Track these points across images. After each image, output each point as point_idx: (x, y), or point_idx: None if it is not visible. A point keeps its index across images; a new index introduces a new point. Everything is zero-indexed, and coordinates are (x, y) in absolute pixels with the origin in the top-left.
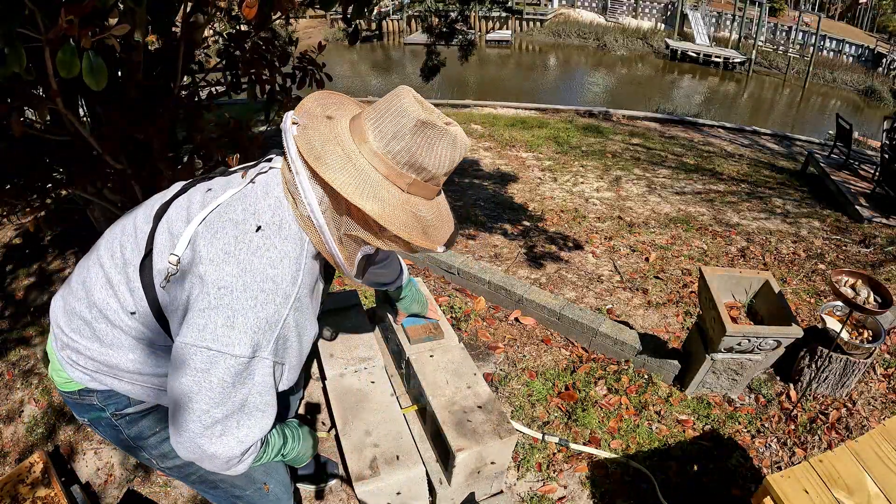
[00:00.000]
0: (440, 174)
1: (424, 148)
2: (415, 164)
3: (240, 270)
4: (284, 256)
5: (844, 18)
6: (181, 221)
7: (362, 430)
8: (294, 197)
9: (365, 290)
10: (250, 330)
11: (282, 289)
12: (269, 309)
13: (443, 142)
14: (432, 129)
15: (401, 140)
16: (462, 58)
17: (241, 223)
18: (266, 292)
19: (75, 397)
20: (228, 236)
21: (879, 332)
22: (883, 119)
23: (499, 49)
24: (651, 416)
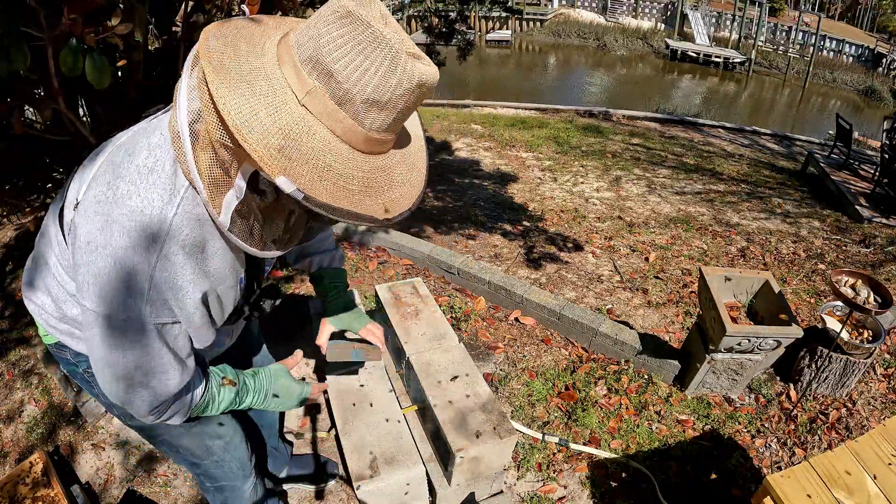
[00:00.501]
0: (356, 95)
1: (339, 45)
2: (317, 60)
3: (103, 223)
4: (146, 206)
5: (844, 18)
6: (85, 168)
7: (362, 430)
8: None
9: (365, 289)
10: (114, 290)
11: (139, 246)
12: (126, 268)
13: (374, 53)
14: (362, 29)
15: (313, 28)
16: (461, 58)
17: (117, 166)
18: (123, 249)
19: (55, 349)
20: (102, 183)
21: (879, 332)
22: (883, 119)
23: (499, 49)
24: (651, 416)
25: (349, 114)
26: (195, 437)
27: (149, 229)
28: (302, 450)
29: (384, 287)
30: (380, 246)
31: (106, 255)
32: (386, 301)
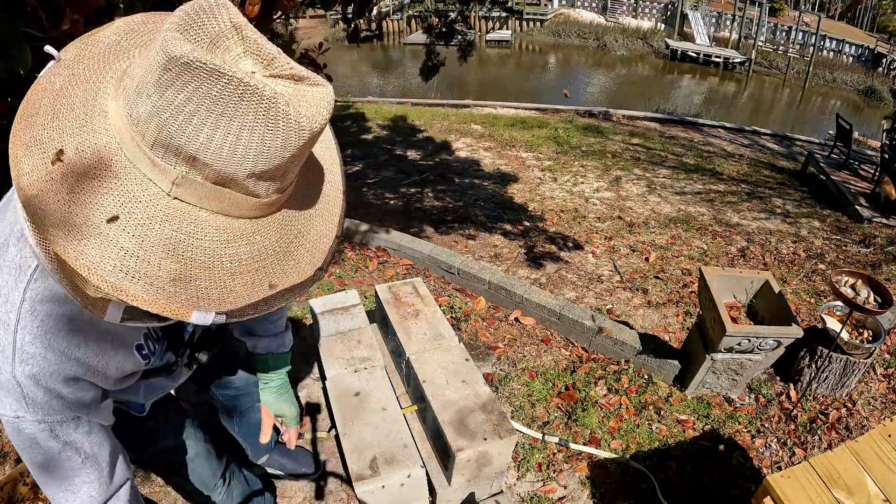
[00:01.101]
0: (236, 174)
1: (188, 116)
2: (172, 145)
3: None
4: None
5: (844, 18)
6: None
7: (362, 430)
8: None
9: (365, 289)
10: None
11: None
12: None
13: (235, 108)
14: (206, 80)
15: (146, 98)
16: (461, 58)
17: None
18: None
19: None
20: None
21: (879, 332)
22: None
23: (499, 49)
24: (651, 416)
25: (237, 190)
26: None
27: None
28: (302, 449)
29: (384, 287)
30: (380, 246)
31: None
32: (386, 301)
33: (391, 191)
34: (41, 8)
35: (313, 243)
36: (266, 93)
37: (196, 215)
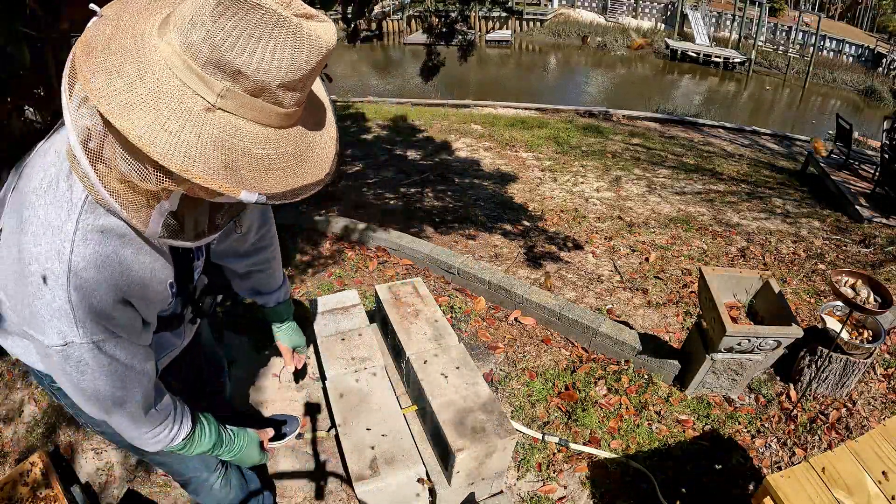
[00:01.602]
0: (271, 82)
1: (236, 39)
2: (222, 62)
3: (17, 253)
4: (46, 228)
5: (844, 18)
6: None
7: (362, 430)
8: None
9: (364, 289)
10: (43, 317)
11: (48, 270)
12: (46, 295)
13: (273, 32)
14: (250, 11)
15: (200, 27)
16: (462, 58)
17: (20, 192)
18: (36, 275)
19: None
20: (11, 212)
21: (879, 332)
22: (883, 119)
23: (499, 49)
24: (651, 416)
25: (267, 100)
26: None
27: (52, 251)
28: (302, 450)
29: (384, 287)
30: (380, 246)
31: (26, 285)
32: (386, 301)
33: (391, 191)
34: (40, 8)
35: (320, 154)
36: (293, 21)
37: (235, 122)
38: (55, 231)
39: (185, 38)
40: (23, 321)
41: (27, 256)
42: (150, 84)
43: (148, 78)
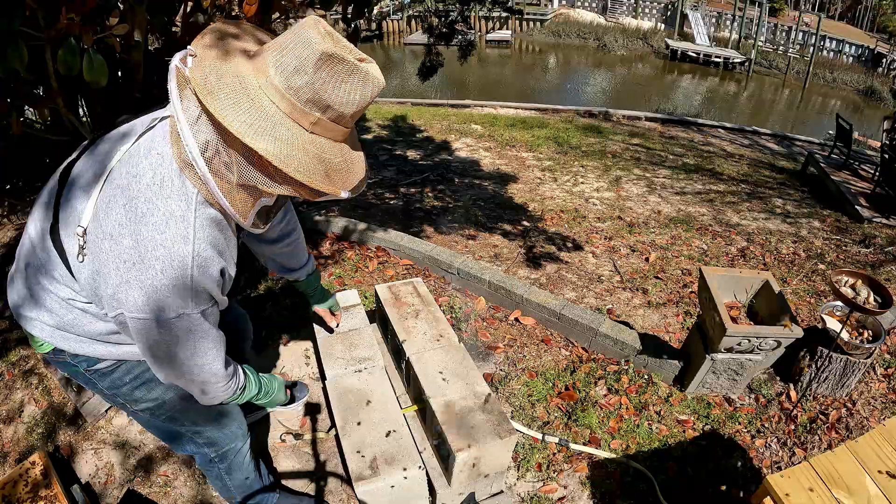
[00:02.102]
0: (347, 113)
1: (329, 83)
2: (318, 101)
3: (134, 242)
4: (170, 217)
5: (844, 18)
6: (80, 190)
7: (362, 430)
8: (177, 144)
9: (365, 289)
10: (162, 296)
11: (175, 252)
12: (170, 274)
13: (351, 77)
14: (339, 64)
15: (303, 74)
16: (461, 58)
17: (126, 189)
18: (161, 259)
19: (51, 356)
20: (119, 206)
21: (879, 332)
22: (883, 119)
23: (499, 49)
24: (651, 416)
25: (341, 124)
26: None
27: (178, 236)
28: (302, 450)
29: (384, 287)
30: (380, 246)
31: (146, 269)
32: (386, 301)
33: (391, 191)
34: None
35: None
36: (361, 67)
37: (322, 141)
38: (178, 220)
39: (289, 82)
40: (121, 304)
41: (150, 243)
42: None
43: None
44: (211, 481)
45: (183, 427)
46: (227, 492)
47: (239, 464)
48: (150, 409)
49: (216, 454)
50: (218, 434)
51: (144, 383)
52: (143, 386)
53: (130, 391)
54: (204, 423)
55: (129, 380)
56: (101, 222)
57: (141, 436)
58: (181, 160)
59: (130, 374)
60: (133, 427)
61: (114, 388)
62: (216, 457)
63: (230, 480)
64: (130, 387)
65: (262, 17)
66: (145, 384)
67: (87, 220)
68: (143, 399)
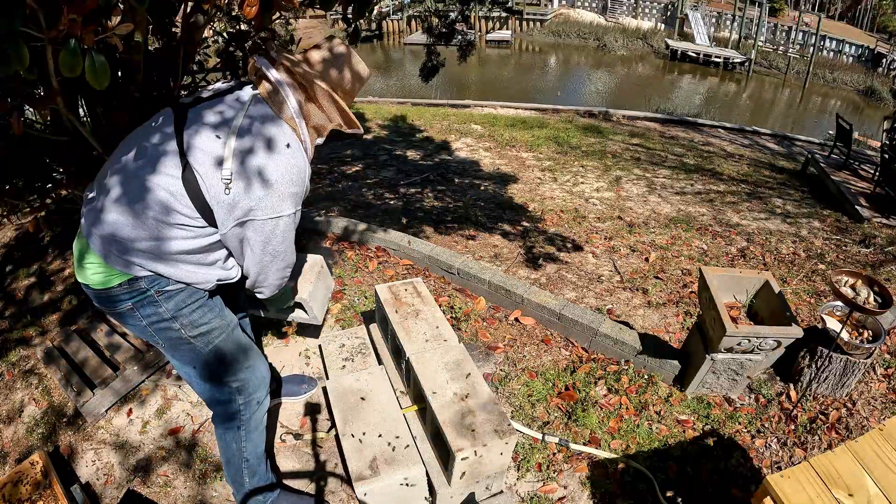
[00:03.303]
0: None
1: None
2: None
3: (275, 165)
4: (296, 148)
5: (844, 18)
6: (211, 143)
7: (362, 430)
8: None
9: (365, 289)
10: (290, 199)
11: (301, 167)
12: (299, 182)
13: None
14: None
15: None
16: (461, 58)
17: (258, 135)
18: (294, 173)
19: (124, 287)
20: (259, 147)
21: (879, 332)
22: (883, 119)
23: (499, 49)
24: (651, 416)
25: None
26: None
27: (301, 158)
28: (302, 450)
29: (384, 287)
30: (380, 246)
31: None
32: (386, 301)
33: (391, 191)
34: (39, 8)
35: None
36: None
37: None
38: (300, 150)
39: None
40: (259, 211)
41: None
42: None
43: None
44: (224, 447)
45: (223, 363)
46: (239, 459)
47: (257, 421)
48: (203, 335)
49: (244, 402)
50: (249, 375)
51: (203, 306)
52: (201, 308)
53: (191, 312)
54: (242, 360)
55: (192, 301)
56: (246, 161)
57: (141, 436)
58: (286, 115)
59: (194, 297)
60: (133, 427)
61: (177, 309)
62: (243, 404)
63: (246, 441)
64: (192, 308)
65: (262, 17)
66: (204, 306)
67: (231, 165)
68: (200, 322)
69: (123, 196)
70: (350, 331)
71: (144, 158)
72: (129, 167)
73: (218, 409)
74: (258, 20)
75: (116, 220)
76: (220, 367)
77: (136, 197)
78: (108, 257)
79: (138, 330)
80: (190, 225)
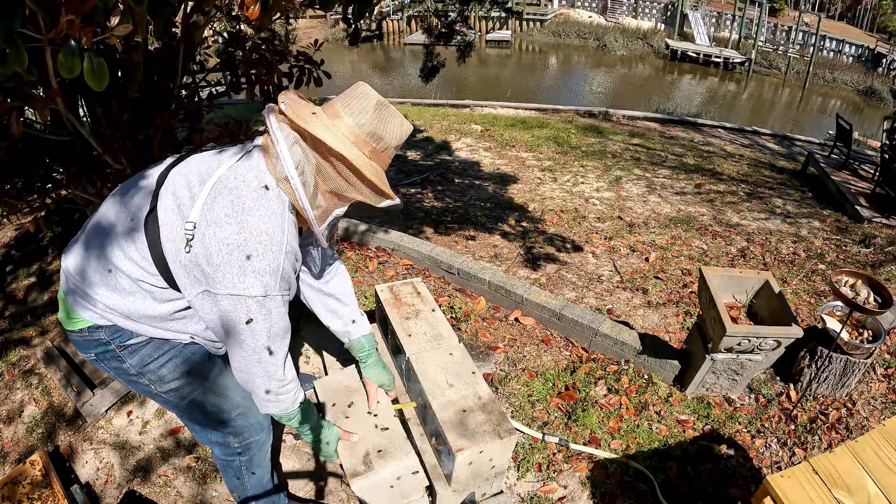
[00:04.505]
0: (392, 144)
1: (382, 122)
2: (375, 134)
3: (239, 229)
4: (272, 214)
5: (844, 18)
6: (184, 189)
7: (354, 427)
8: (274, 163)
9: (365, 289)
10: (254, 277)
11: (274, 240)
12: (267, 258)
13: (395, 119)
14: (387, 109)
15: (365, 115)
16: (460, 59)
17: (234, 189)
18: (262, 244)
19: (84, 334)
20: (226, 201)
21: (879, 332)
22: (883, 119)
23: (499, 49)
24: (651, 416)
25: (387, 154)
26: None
27: (276, 228)
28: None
29: (384, 287)
30: (380, 246)
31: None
32: (386, 301)
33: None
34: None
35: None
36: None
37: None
38: (277, 216)
39: (356, 120)
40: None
41: (254, 230)
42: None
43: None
44: (227, 478)
45: (209, 413)
46: (241, 490)
47: (260, 460)
48: (175, 391)
49: (240, 445)
50: (243, 423)
51: (173, 359)
52: (172, 361)
53: (158, 368)
54: (229, 409)
55: (158, 356)
56: (207, 214)
57: (141, 436)
58: (278, 175)
59: (160, 351)
60: (133, 427)
61: (142, 366)
62: (240, 448)
63: (248, 478)
64: (159, 363)
65: (262, 18)
66: (172, 361)
67: (196, 216)
68: (170, 378)
69: (93, 236)
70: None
71: (125, 197)
72: (110, 204)
73: (214, 449)
74: (258, 20)
75: (80, 260)
76: (204, 418)
77: (101, 238)
78: (69, 295)
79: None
80: (147, 282)
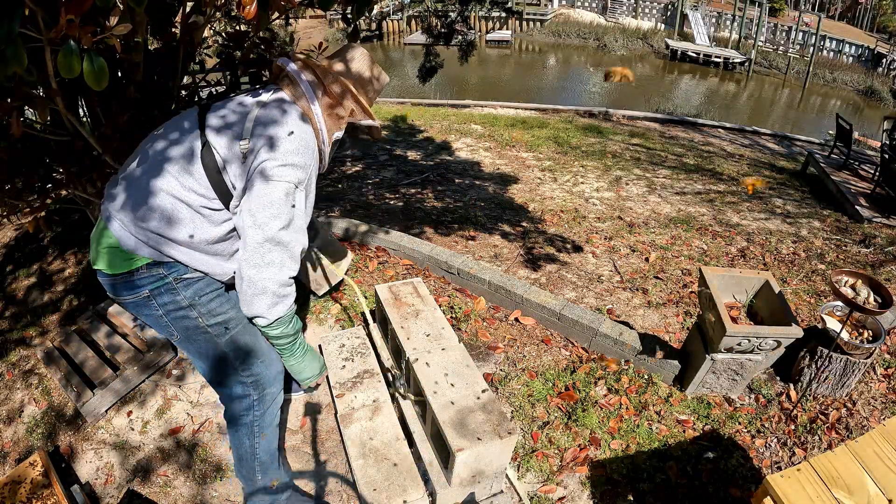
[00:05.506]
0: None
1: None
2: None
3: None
4: (310, 138)
5: (844, 18)
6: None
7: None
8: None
9: (365, 289)
10: (295, 170)
11: (310, 151)
12: (304, 159)
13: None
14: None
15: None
16: (462, 59)
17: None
18: (300, 152)
19: (141, 273)
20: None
21: (879, 332)
22: (883, 119)
23: (499, 49)
24: (651, 416)
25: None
26: (254, 333)
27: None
28: (302, 450)
29: (384, 287)
30: (380, 246)
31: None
32: (386, 301)
33: (391, 191)
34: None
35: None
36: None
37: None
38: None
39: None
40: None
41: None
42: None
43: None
44: (237, 444)
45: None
46: (251, 456)
47: (272, 417)
48: (219, 324)
49: (258, 397)
50: (265, 370)
51: (220, 296)
52: (219, 297)
53: (209, 301)
54: (257, 353)
55: (210, 290)
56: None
57: (141, 436)
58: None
59: (211, 286)
60: (133, 427)
61: (196, 296)
62: (257, 397)
63: (259, 441)
64: (210, 297)
65: (261, 17)
66: (221, 296)
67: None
68: (218, 311)
69: (144, 178)
70: (350, 331)
71: (166, 142)
72: (150, 152)
73: (231, 404)
74: (257, 20)
75: (137, 202)
76: (236, 358)
77: (155, 178)
78: (128, 240)
79: (153, 320)
80: (206, 207)
